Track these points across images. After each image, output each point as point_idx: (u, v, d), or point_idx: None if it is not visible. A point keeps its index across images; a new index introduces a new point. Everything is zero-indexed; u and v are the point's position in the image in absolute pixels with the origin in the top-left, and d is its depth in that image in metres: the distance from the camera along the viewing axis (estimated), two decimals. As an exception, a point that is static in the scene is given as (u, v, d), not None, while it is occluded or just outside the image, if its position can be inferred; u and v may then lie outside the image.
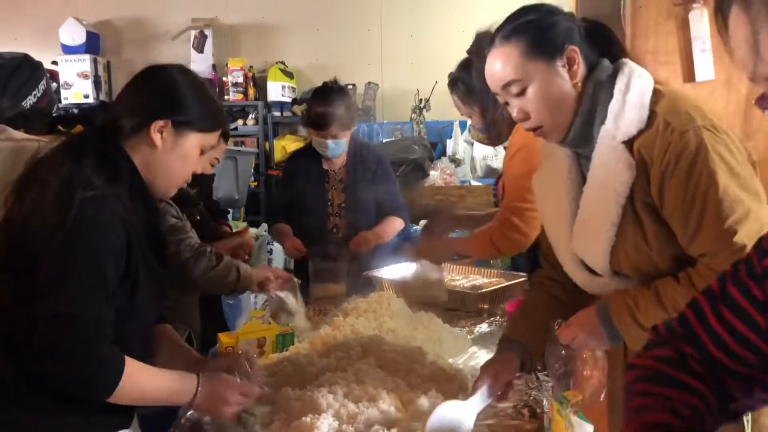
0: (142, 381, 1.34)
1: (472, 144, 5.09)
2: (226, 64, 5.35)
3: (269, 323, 1.89)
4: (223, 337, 1.84)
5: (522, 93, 1.39)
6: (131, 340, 1.39)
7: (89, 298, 1.28)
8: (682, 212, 1.28)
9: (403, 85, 5.43)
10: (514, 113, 1.43)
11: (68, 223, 1.27)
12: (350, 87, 5.19)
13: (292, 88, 5.40)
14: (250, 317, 1.89)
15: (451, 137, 5.13)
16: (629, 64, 1.40)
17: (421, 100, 5.15)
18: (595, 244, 1.40)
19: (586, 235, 1.43)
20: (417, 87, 5.20)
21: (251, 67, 5.41)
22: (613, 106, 1.36)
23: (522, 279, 2.41)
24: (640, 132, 1.32)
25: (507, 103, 1.45)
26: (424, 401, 1.44)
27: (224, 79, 5.34)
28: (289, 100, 5.37)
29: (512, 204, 2.11)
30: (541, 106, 1.39)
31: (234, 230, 2.68)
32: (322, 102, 2.68)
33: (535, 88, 1.38)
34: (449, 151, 5.09)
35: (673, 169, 1.27)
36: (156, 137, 1.42)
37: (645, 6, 2.87)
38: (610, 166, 1.36)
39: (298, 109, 5.34)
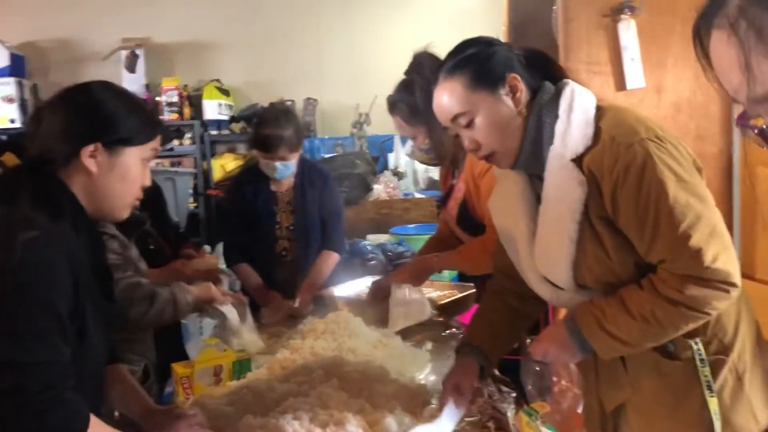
0: None
1: (413, 156, 5.14)
2: (160, 84, 5.23)
3: (224, 350, 1.85)
4: (178, 368, 1.79)
5: (470, 124, 1.43)
6: (85, 382, 1.33)
7: (45, 343, 1.19)
8: (636, 223, 1.32)
9: (342, 100, 5.44)
10: (466, 144, 1.47)
11: (13, 267, 1.18)
12: (289, 103, 5.16)
13: (229, 105, 5.33)
14: (205, 345, 1.84)
15: (392, 151, 5.16)
16: (570, 84, 1.44)
17: (361, 115, 5.17)
18: (556, 261, 1.42)
19: (547, 253, 1.46)
20: (356, 102, 5.21)
21: (186, 86, 5.32)
22: (559, 126, 1.40)
23: (473, 290, 2.44)
24: (588, 149, 1.36)
25: (457, 135, 1.49)
26: (391, 421, 1.44)
27: (158, 99, 5.22)
28: (226, 117, 5.29)
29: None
30: (489, 135, 1.43)
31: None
32: (270, 124, 2.64)
33: (481, 118, 1.42)
34: (391, 164, 5.11)
35: (623, 183, 1.31)
36: (89, 163, 1.35)
37: (576, 19, 2.98)
38: (562, 184, 1.39)
39: (236, 127, 5.27)
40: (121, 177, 1.40)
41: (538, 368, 1.42)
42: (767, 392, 1.43)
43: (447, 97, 1.44)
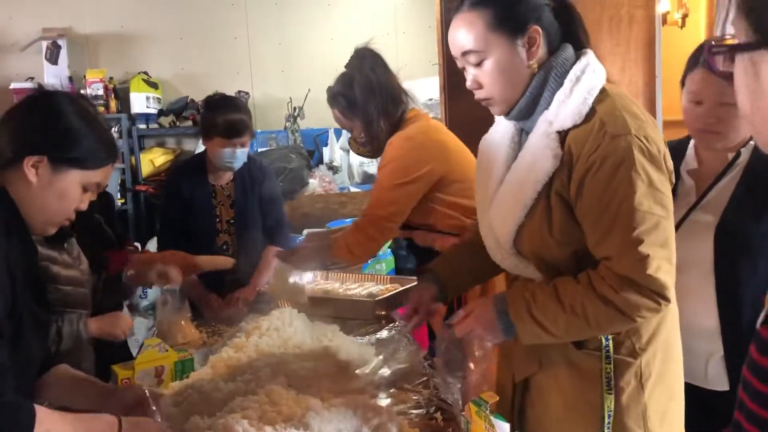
0: (57, 427, 1.20)
1: (348, 151, 5.13)
2: (84, 76, 5.02)
3: (166, 351, 1.81)
4: (119, 370, 1.74)
5: (479, 64, 1.41)
6: (19, 387, 1.28)
7: None
8: (596, 214, 1.33)
9: (274, 94, 5.37)
10: (468, 81, 1.45)
11: None
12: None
13: (158, 98, 5.17)
14: (145, 346, 1.79)
15: (327, 145, 5.14)
16: (588, 57, 1.42)
17: (294, 108, 5.12)
18: (505, 217, 1.44)
19: (501, 207, 1.47)
20: (289, 95, 5.16)
21: (111, 78, 5.12)
22: (560, 95, 1.39)
23: (414, 284, 2.46)
24: (575, 126, 1.35)
25: (463, 68, 1.47)
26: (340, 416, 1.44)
27: (83, 92, 5.01)
28: (154, 111, 5.13)
29: (372, 212, 2.24)
30: (494, 81, 1.41)
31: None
32: (232, 109, 2.63)
33: (491, 61, 1.40)
34: (326, 158, 5.09)
35: (596, 171, 1.31)
36: (29, 173, 1.32)
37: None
38: (538, 151, 1.39)
39: (165, 121, 5.13)
40: (58, 196, 1.37)
41: (449, 344, 1.48)
42: (663, 406, 1.45)
43: (464, 31, 1.41)
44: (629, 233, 1.29)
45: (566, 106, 1.37)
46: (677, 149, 1.82)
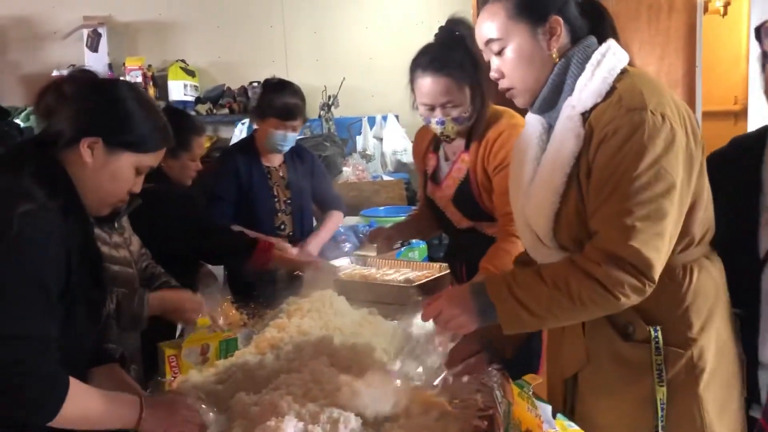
0: (85, 401, 1.28)
1: (381, 139, 5.16)
2: (123, 64, 5.12)
3: (213, 332, 1.86)
4: (165, 347, 1.80)
5: (500, 53, 1.44)
6: (69, 362, 1.34)
7: (33, 317, 1.22)
8: (598, 184, 1.32)
9: (309, 82, 5.37)
10: (493, 71, 1.48)
11: (9, 237, 1.21)
12: (255, 84, 5.12)
13: (195, 86, 5.25)
14: (198, 327, 1.84)
15: (360, 133, 5.17)
16: (610, 42, 1.43)
17: (329, 97, 5.15)
18: (540, 209, 1.43)
19: (535, 200, 1.46)
20: (324, 83, 5.19)
21: (150, 66, 5.21)
22: (581, 79, 1.40)
23: (448, 271, 2.48)
24: (596, 105, 1.36)
25: (488, 60, 1.49)
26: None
27: (122, 79, 5.11)
28: (192, 98, 5.21)
29: (506, 210, 1.91)
30: (514, 69, 1.44)
31: None
32: (289, 93, 2.77)
33: (512, 49, 1.42)
34: (360, 147, 5.13)
35: (607, 141, 1.30)
36: (85, 153, 1.38)
37: None
38: (563, 134, 1.40)
39: (202, 108, 5.20)
40: (111, 177, 1.43)
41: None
42: (721, 400, 1.41)
43: (487, 21, 1.44)
44: (621, 204, 1.27)
45: (588, 88, 1.38)
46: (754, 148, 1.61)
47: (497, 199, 2.05)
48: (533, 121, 1.54)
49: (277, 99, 2.75)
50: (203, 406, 1.48)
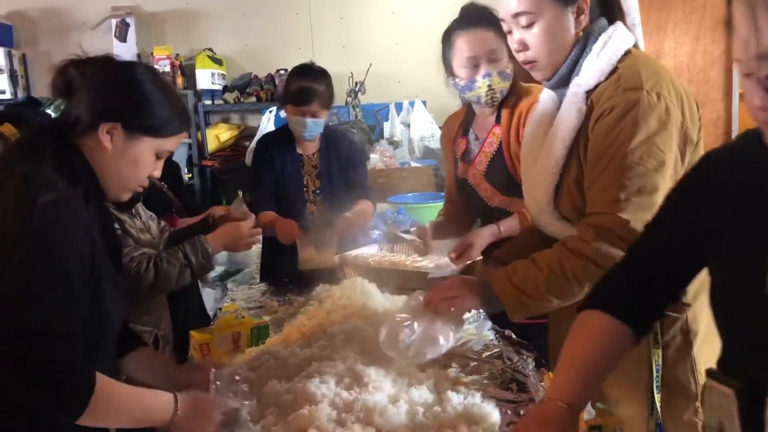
0: (115, 398, 1.23)
1: (409, 125, 5.12)
2: (151, 53, 5.14)
3: (242, 317, 1.86)
4: (196, 334, 1.80)
5: (529, 26, 1.46)
6: (99, 348, 1.33)
7: (58, 310, 1.19)
8: (592, 160, 1.39)
9: (335, 69, 5.31)
10: (514, 44, 1.50)
11: (31, 229, 1.19)
12: (282, 72, 5.11)
13: (222, 75, 5.26)
14: (223, 312, 1.85)
15: (387, 119, 5.14)
16: (618, 26, 1.48)
17: (356, 84, 5.12)
18: (541, 178, 1.51)
19: (538, 169, 1.54)
20: (350, 70, 5.16)
21: (178, 55, 5.23)
22: (589, 59, 1.46)
23: (480, 257, 2.45)
24: (599, 83, 1.43)
25: (510, 32, 1.51)
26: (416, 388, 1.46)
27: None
28: (219, 87, 5.22)
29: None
30: (542, 43, 1.47)
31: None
32: (305, 77, 2.67)
33: (542, 24, 1.45)
34: (387, 133, 5.10)
35: (604, 117, 1.37)
36: (105, 139, 1.36)
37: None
38: (567, 109, 1.47)
39: (230, 97, 5.21)
40: (132, 162, 1.41)
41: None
42: (714, 362, 1.45)
43: None
44: (613, 178, 1.33)
45: (593, 67, 1.44)
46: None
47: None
48: (546, 97, 1.62)
49: (292, 84, 2.68)
50: (241, 399, 1.44)
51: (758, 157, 1.01)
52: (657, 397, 1.41)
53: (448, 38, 2.10)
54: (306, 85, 2.63)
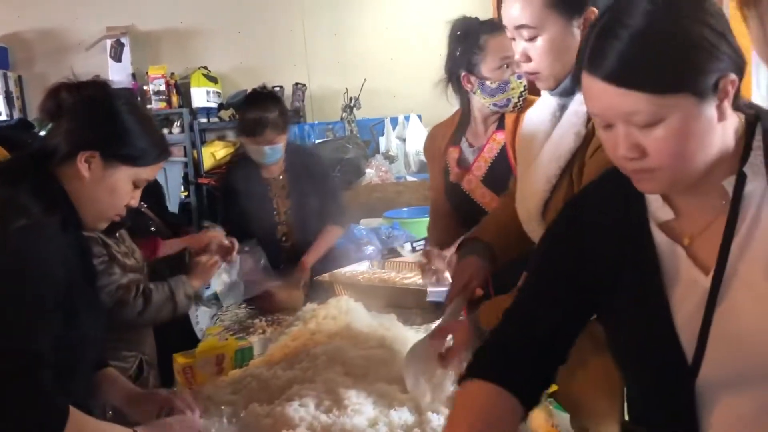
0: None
1: (404, 140, 5.12)
2: (147, 72, 5.17)
3: (226, 339, 1.84)
4: (179, 358, 1.78)
5: (532, 39, 1.41)
6: (75, 373, 1.33)
7: (30, 336, 1.18)
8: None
9: (330, 85, 5.40)
10: (517, 54, 1.45)
11: (5, 254, 1.20)
12: (278, 89, 5.11)
13: (217, 93, 5.28)
14: (206, 334, 1.83)
15: (383, 134, 5.14)
16: None
17: (351, 99, 5.13)
18: (534, 191, 1.47)
19: (532, 180, 1.50)
20: (345, 86, 5.18)
21: (173, 74, 5.25)
22: None
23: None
24: None
25: (513, 39, 1.46)
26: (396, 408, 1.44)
27: (145, 87, 5.16)
28: (215, 105, 5.24)
29: None
30: (545, 57, 1.41)
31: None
32: (255, 108, 2.61)
33: (545, 39, 1.39)
34: (382, 148, 5.10)
35: (603, 152, 1.27)
36: (83, 167, 1.37)
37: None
38: (566, 128, 1.43)
39: (225, 114, 5.23)
40: (109, 191, 1.42)
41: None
42: None
43: (520, 4, 1.40)
44: None
45: None
46: None
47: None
48: (547, 103, 1.56)
49: (244, 115, 2.63)
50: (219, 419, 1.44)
51: (627, 193, 1.00)
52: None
53: (475, 41, 2.06)
54: (256, 116, 2.58)
